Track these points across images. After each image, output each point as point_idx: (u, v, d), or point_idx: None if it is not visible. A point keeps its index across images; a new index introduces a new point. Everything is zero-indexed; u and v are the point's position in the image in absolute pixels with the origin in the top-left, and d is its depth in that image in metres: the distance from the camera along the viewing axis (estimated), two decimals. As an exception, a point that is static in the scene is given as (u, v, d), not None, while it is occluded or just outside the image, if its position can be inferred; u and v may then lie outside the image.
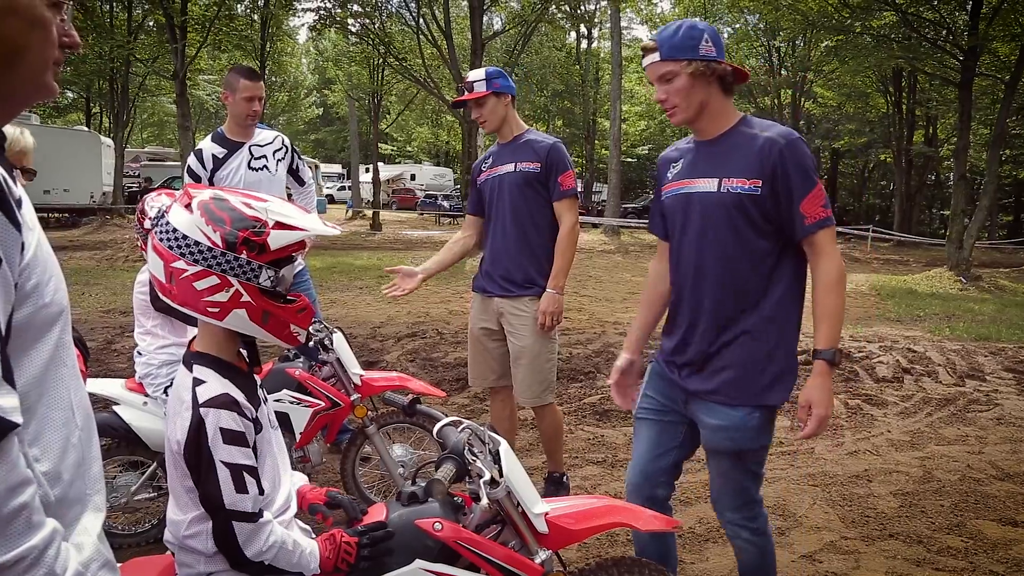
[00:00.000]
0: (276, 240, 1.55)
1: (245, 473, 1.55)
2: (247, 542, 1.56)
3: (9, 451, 0.91)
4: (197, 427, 1.53)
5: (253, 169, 4.26)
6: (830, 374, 2.15)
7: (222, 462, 1.53)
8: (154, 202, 3.07)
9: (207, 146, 4.27)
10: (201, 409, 1.54)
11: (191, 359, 1.63)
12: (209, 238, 1.52)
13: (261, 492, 1.60)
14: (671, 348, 2.42)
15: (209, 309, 1.54)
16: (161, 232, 1.54)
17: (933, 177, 38.01)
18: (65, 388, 1.08)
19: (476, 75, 3.62)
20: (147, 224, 3.04)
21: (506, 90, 3.62)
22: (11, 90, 1.02)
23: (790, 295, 2.25)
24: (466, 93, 3.61)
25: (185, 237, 1.52)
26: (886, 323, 10.29)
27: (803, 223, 2.14)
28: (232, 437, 1.54)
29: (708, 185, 2.25)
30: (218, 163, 4.22)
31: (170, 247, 1.52)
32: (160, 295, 1.57)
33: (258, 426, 1.63)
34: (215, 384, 1.57)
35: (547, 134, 3.86)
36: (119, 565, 1.73)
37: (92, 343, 7.08)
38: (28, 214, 1.00)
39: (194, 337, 1.69)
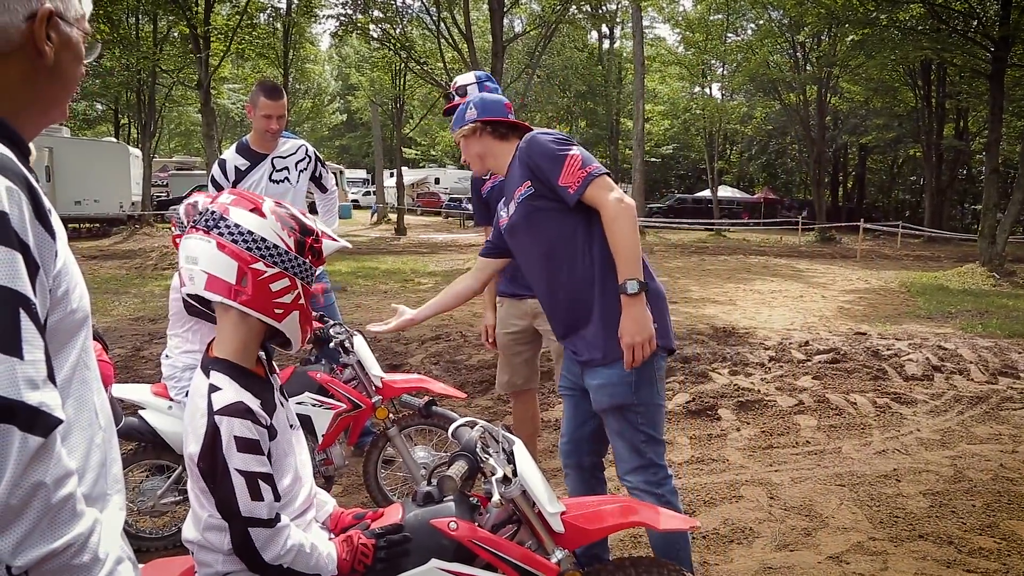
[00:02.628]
0: (327, 248, 1.73)
1: (260, 480, 1.56)
2: (264, 547, 1.57)
3: (54, 445, 0.96)
4: (212, 435, 1.53)
5: (274, 182, 4.31)
6: (633, 303, 2.33)
7: (237, 470, 1.53)
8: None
9: (231, 157, 4.32)
10: (216, 417, 1.54)
11: (209, 364, 1.63)
12: (284, 242, 1.61)
13: (277, 499, 1.61)
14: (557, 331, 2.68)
15: (276, 310, 1.61)
16: (234, 234, 1.57)
17: (964, 171, 37.36)
18: (89, 391, 1.14)
19: (466, 79, 3.51)
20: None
21: (497, 92, 3.55)
22: (49, 112, 1.14)
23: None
24: (457, 98, 3.47)
25: (264, 240, 1.58)
26: (916, 320, 10.12)
27: (568, 193, 2.42)
28: (246, 445, 1.54)
29: (510, 210, 2.64)
30: (240, 175, 4.27)
31: (247, 248, 1.57)
32: (216, 296, 1.57)
33: (272, 432, 1.64)
34: (230, 392, 1.57)
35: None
36: (142, 566, 1.76)
37: (121, 350, 7.19)
38: (57, 224, 1.06)
39: (212, 341, 1.69)
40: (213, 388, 1.58)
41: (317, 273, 1.74)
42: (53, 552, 0.95)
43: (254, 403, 1.59)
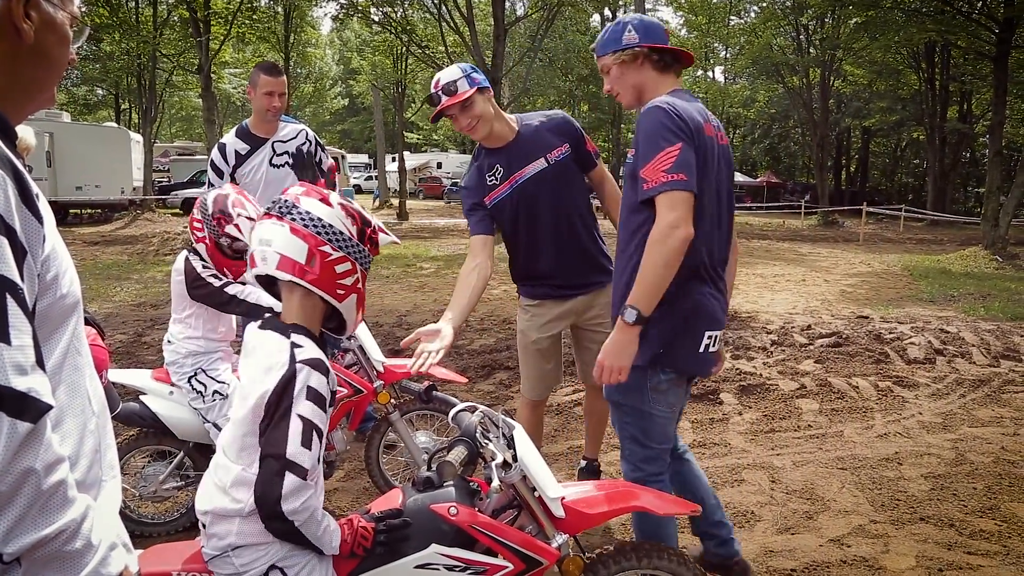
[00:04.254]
0: (382, 240, 1.88)
1: (315, 432, 1.63)
2: (289, 495, 1.58)
3: (44, 431, 0.96)
4: (288, 380, 1.63)
5: (275, 166, 4.29)
6: (623, 329, 2.27)
7: (299, 415, 1.62)
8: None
9: (231, 141, 4.30)
10: (298, 364, 1.65)
11: (289, 328, 1.72)
12: (348, 230, 1.76)
13: (318, 459, 1.65)
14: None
15: (338, 291, 1.74)
16: (305, 220, 1.71)
17: (968, 154, 37.20)
18: (81, 376, 1.13)
19: (451, 74, 3.03)
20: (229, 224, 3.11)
21: (488, 84, 3.11)
22: (35, 95, 1.12)
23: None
24: (445, 99, 2.99)
25: (331, 226, 1.73)
26: (918, 304, 10.10)
27: (642, 188, 2.25)
28: (316, 396, 1.64)
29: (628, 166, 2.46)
30: (240, 159, 4.26)
31: (317, 233, 1.71)
32: (284, 275, 1.69)
33: (332, 400, 1.72)
34: (312, 349, 1.69)
35: (537, 110, 3.46)
36: (143, 551, 1.77)
37: (123, 336, 7.20)
38: (44, 208, 1.05)
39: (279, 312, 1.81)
40: (296, 345, 1.68)
41: None
42: (44, 538, 0.95)
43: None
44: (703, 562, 2.81)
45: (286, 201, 1.75)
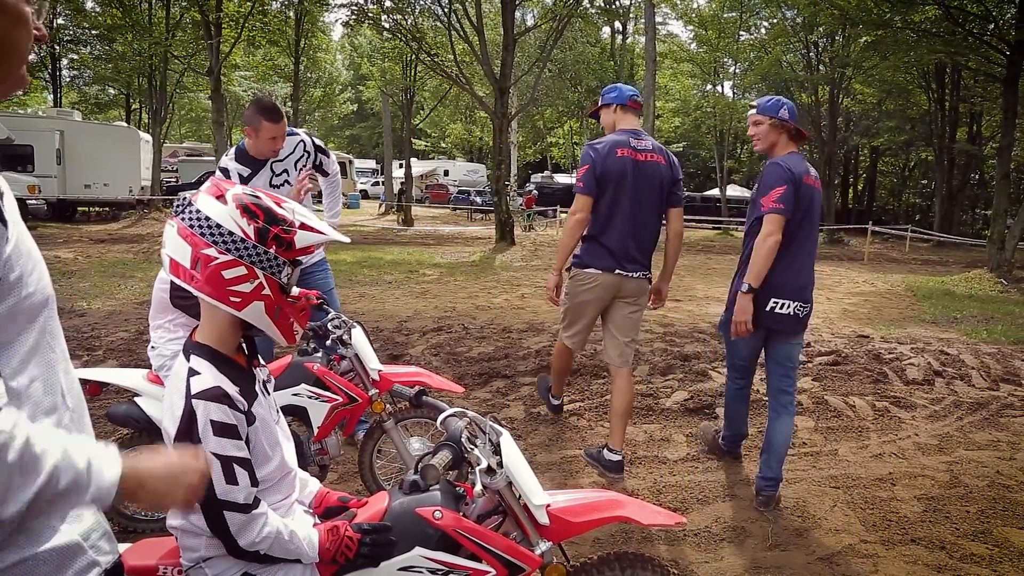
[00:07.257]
0: (301, 239, 1.63)
1: (236, 465, 1.57)
2: (240, 532, 1.58)
3: None
4: (188, 418, 1.55)
5: (274, 186, 4.31)
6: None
7: (212, 453, 1.54)
8: None
9: (232, 167, 4.25)
10: (192, 400, 1.55)
11: (190, 348, 1.65)
12: (243, 229, 1.57)
13: (255, 484, 1.62)
14: None
15: (231, 299, 1.58)
16: (191, 219, 1.56)
17: (976, 176, 37.09)
18: (54, 372, 1.12)
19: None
20: None
21: (611, 101, 4.37)
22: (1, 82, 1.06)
23: None
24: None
25: (219, 226, 1.56)
26: (920, 324, 10.08)
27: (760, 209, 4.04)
28: (222, 429, 1.56)
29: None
30: (243, 181, 4.26)
31: (202, 234, 1.55)
32: (178, 280, 1.58)
33: (251, 418, 1.65)
34: (208, 376, 1.58)
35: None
36: (131, 545, 1.78)
37: (125, 333, 7.23)
38: (9, 207, 1.04)
39: (195, 327, 1.70)
40: (192, 372, 1.59)
41: (312, 261, 1.73)
42: (40, 490, 0.97)
43: (232, 388, 1.60)
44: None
45: (184, 199, 1.60)
